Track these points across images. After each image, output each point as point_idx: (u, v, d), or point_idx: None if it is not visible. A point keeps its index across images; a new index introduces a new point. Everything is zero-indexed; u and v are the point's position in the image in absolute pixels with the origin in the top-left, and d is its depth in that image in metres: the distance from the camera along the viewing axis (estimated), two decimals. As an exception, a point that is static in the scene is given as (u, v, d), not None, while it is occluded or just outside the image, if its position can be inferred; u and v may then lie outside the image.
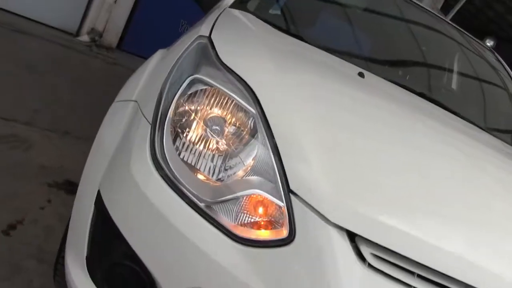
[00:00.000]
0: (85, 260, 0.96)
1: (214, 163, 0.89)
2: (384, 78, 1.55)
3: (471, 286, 0.85)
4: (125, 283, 0.90)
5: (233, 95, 0.92)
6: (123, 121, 1.05)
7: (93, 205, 0.96)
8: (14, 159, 1.94)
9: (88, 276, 0.95)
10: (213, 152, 0.90)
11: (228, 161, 0.89)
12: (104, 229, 0.93)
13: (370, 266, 0.83)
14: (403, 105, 1.35)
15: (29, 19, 4.44)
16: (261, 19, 1.52)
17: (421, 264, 0.84)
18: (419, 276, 0.84)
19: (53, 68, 3.30)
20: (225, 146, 0.90)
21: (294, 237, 0.81)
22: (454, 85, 2.08)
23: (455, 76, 2.09)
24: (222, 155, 0.90)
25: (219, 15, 1.32)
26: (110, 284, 0.92)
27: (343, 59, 1.47)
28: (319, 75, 1.18)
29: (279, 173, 0.85)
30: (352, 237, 0.83)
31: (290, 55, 1.24)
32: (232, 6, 1.56)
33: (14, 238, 1.49)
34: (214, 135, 0.91)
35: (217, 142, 0.91)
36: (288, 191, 0.84)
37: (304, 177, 0.84)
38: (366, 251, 0.83)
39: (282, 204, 0.83)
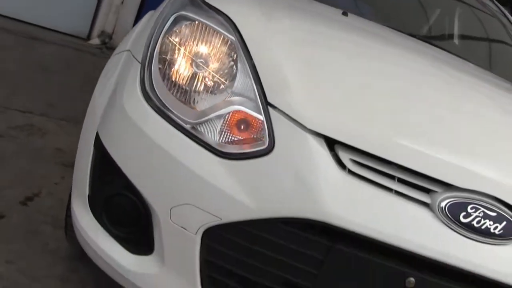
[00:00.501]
0: (87, 199, 1.03)
1: (199, 92, 0.96)
2: (373, 20, 1.58)
3: (451, 185, 0.88)
4: (122, 212, 0.97)
5: (214, 26, 0.99)
6: (118, 68, 1.13)
7: (92, 147, 1.04)
8: (31, 145, 2.07)
9: (91, 213, 1.03)
10: (199, 82, 0.97)
11: (212, 89, 0.96)
12: (102, 165, 1.01)
13: (350, 172, 0.87)
14: (388, 40, 1.38)
15: (43, 27, 4.65)
16: None
17: (401, 167, 0.88)
18: (400, 180, 0.88)
19: (66, 69, 3.46)
20: (209, 76, 0.97)
21: (273, 147, 0.87)
22: (446, 27, 2.09)
23: (447, 18, 2.09)
24: (206, 84, 0.96)
25: None
26: (109, 215, 0.99)
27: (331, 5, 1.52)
28: (300, 12, 1.23)
29: (256, 88, 0.90)
30: (331, 145, 0.88)
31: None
32: None
33: (31, 208, 1.59)
34: (199, 66, 0.97)
35: (202, 73, 0.97)
36: (266, 104, 0.89)
37: (281, 89, 0.90)
38: (345, 157, 0.87)
39: (261, 117, 0.89)
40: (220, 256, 0.89)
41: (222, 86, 0.95)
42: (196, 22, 1.00)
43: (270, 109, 0.89)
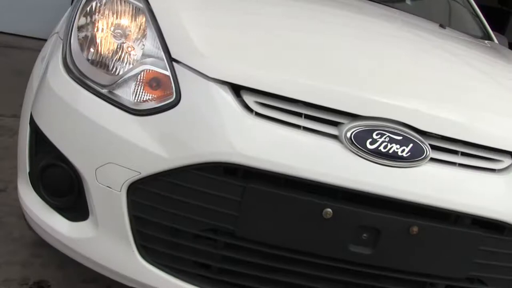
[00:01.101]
0: (28, 176, 1.09)
1: (114, 58, 1.00)
2: None
3: (356, 115, 0.92)
4: (57, 182, 1.02)
5: None
6: (47, 51, 1.19)
7: (28, 125, 1.10)
8: (1, 144, 2.14)
9: (32, 189, 1.09)
10: (113, 49, 1.01)
11: (125, 54, 1.00)
12: (36, 141, 1.06)
13: (257, 114, 0.92)
14: None
15: (18, 35, 4.73)
16: None
17: (307, 104, 0.92)
18: (307, 116, 0.92)
19: (41, 72, 3.53)
20: (121, 42, 1.01)
21: (180, 99, 0.91)
22: None
23: None
24: (119, 50, 1.01)
25: None
26: (46, 187, 1.04)
27: None
28: None
29: (162, 46, 0.95)
30: (237, 90, 0.92)
31: None
32: None
33: (-2, 202, 1.66)
34: (112, 34, 1.02)
35: (115, 40, 1.02)
36: (171, 59, 0.94)
37: (184, 44, 0.95)
38: (250, 100, 0.91)
39: (167, 73, 0.94)
40: (147, 210, 0.94)
41: (133, 50, 1.00)
42: None
43: (175, 64, 0.94)
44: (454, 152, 0.98)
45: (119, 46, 1.01)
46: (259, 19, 1.07)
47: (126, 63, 0.99)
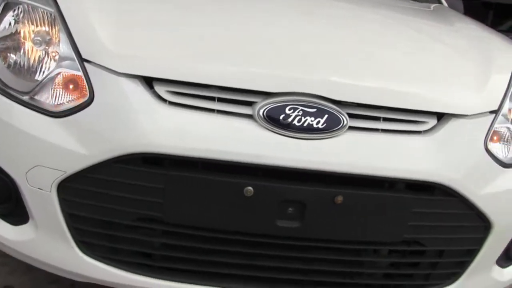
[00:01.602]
0: None
1: (32, 65, 1.04)
2: None
3: (269, 92, 0.95)
4: None
5: (35, 3, 1.06)
6: None
7: None
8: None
9: None
10: (30, 56, 1.05)
11: (42, 59, 1.03)
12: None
13: (171, 103, 0.95)
14: None
15: None
16: None
17: (219, 88, 0.95)
18: (221, 99, 0.95)
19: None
20: (38, 48, 1.05)
21: (93, 98, 0.95)
22: None
23: None
24: (37, 56, 1.04)
25: None
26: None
27: None
28: None
29: (73, 49, 0.98)
30: (150, 83, 0.96)
31: None
32: None
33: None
34: (29, 41, 1.05)
35: (32, 47, 1.05)
36: (82, 60, 0.97)
37: (93, 44, 0.98)
38: (161, 90, 0.95)
39: (80, 73, 0.97)
40: (78, 206, 0.98)
41: (50, 54, 1.03)
42: (22, 4, 1.09)
43: (87, 64, 0.97)
44: (376, 119, 1.00)
45: (35, 52, 1.04)
46: (166, 12, 1.09)
47: (43, 68, 1.02)
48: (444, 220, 1.05)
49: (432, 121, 1.03)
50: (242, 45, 1.02)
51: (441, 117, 1.04)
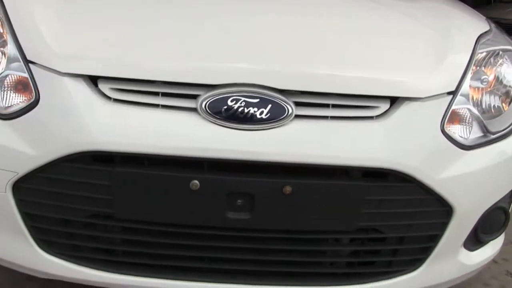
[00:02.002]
0: None
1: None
2: None
3: (212, 85, 0.95)
4: None
5: None
6: None
7: None
8: None
9: None
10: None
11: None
12: None
13: (115, 100, 0.96)
14: None
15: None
16: None
17: (163, 83, 0.96)
18: (165, 94, 0.96)
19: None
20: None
21: (38, 99, 0.97)
22: None
23: None
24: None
25: None
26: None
27: None
28: None
29: (18, 51, 1.01)
30: (95, 82, 0.97)
31: None
32: None
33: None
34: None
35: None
36: (27, 62, 0.99)
37: (36, 46, 1.00)
38: (105, 88, 0.96)
39: (25, 75, 0.99)
40: (34, 206, 1.01)
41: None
42: None
43: (32, 66, 0.99)
44: (325, 106, 1.00)
45: None
46: (107, 11, 1.09)
47: None
48: (402, 206, 1.04)
49: (385, 106, 1.02)
50: (183, 39, 1.02)
51: (394, 101, 1.03)
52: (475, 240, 1.20)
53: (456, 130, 1.08)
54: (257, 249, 1.03)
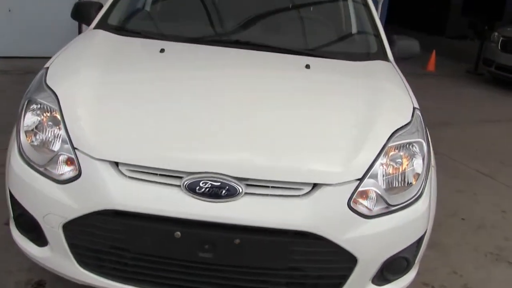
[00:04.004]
0: (14, 222, 1.86)
1: (44, 146, 1.71)
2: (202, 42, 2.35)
3: (187, 172, 1.56)
4: (28, 224, 1.76)
5: (47, 103, 1.75)
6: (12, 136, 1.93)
7: (7, 188, 1.86)
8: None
9: (17, 230, 1.86)
10: (43, 140, 1.72)
11: (50, 143, 1.70)
12: (11, 198, 1.82)
13: (129, 177, 1.59)
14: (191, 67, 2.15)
15: (38, 57, 5.69)
16: (113, 29, 2.35)
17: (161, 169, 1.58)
18: (161, 174, 1.59)
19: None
20: (49, 133, 1.72)
21: (80, 174, 1.62)
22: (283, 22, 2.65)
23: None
24: (48, 140, 1.72)
25: (68, 45, 2.16)
26: (22, 227, 1.81)
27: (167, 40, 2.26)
28: (114, 65, 2.01)
29: (68, 139, 1.65)
30: (116, 163, 1.60)
31: (103, 61, 2.07)
32: (96, 26, 2.41)
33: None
34: (43, 129, 1.73)
35: (44, 133, 1.73)
36: (74, 148, 1.64)
37: (79, 138, 1.64)
38: (123, 169, 1.59)
39: (73, 156, 1.64)
40: (76, 239, 1.66)
41: (56, 139, 1.70)
42: (38, 102, 1.77)
43: (76, 150, 1.64)
44: (266, 187, 1.59)
45: (48, 137, 1.72)
46: (124, 113, 1.75)
47: (52, 148, 1.70)
48: (319, 255, 1.63)
49: (307, 188, 1.60)
50: (172, 140, 1.64)
51: (315, 185, 1.61)
52: (382, 278, 1.77)
53: (362, 205, 1.65)
54: (217, 277, 1.65)
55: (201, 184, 1.56)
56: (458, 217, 3.19)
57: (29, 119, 1.77)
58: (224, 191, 1.56)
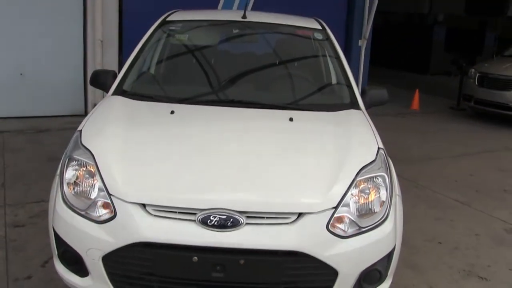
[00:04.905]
0: (57, 257, 2.32)
1: (84, 194, 2.20)
2: (204, 103, 2.89)
3: (200, 209, 2.05)
4: (72, 259, 2.23)
5: (83, 159, 2.25)
6: (54, 188, 2.42)
7: (52, 229, 2.32)
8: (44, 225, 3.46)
9: (61, 264, 2.31)
10: (83, 189, 2.22)
11: (89, 191, 2.20)
12: (56, 238, 2.29)
13: (155, 216, 2.07)
14: (196, 123, 2.68)
15: (49, 116, 6.25)
16: (128, 94, 2.90)
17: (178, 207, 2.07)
18: (180, 212, 2.07)
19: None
20: (86, 184, 2.22)
21: (115, 215, 2.09)
22: (272, 82, 3.23)
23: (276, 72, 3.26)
24: (86, 189, 2.21)
25: (94, 109, 2.70)
26: (67, 262, 2.26)
27: (182, 103, 2.81)
28: (136, 125, 2.53)
29: (104, 187, 2.15)
30: (144, 205, 2.09)
31: (125, 122, 2.62)
32: (113, 92, 2.95)
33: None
34: (81, 181, 2.22)
35: (83, 184, 2.22)
36: (109, 194, 2.13)
37: (113, 186, 2.13)
38: (149, 209, 2.08)
39: (109, 201, 2.12)
40: (113, 269, 2.11)
41: (93, 188, 2.19)
42: (76, 159, 2.28)
43: (112, 196, 2.13)
44: (262, 217, 2.07)
45: (86, 187, 2.21)
46: (158, 158, 2.29)
47: (91, 196, 2.19)
48: (307, 269, 2.09)
49: (294, 217, 2.08)
50: (187, 186, 2.14)
51: (300, 214, 2.09)
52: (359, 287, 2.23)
53: (339, 227, 2.13)
54: (228, 293, 2.10)
55: (211, 218, 2.04)
56: (435, 242, 3.65)
57: (70, 173, 2.27)
58: (229, 223, 2.03)
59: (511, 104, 7.86)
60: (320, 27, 3.67)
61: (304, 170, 2.30)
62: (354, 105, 3.03)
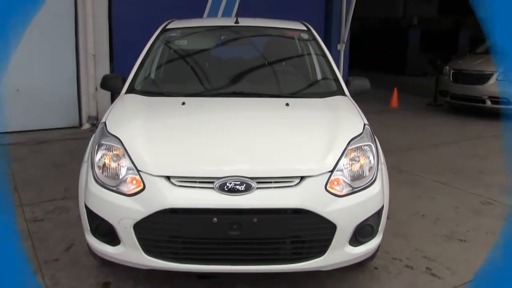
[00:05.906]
0: (90, 231, 2.68)
1: (115, 171, 2.59)
2: (210, 95, 3.32)
3: (217, 177, 2.45)
4: (105, 230, 2.59)
5: (112, 144, 2.64)
6: (84, 173, 2.79)
7: (84, 207, 2.69)
8: (62, 219, 3.80)
9: (92, 236, 2.68)
10: (113, 168, 2.60)
11: (117, 169, 2.58)
12: (88, 213, 2.65)
13: (179, 186, 2.46)
14: (205, 109, 3.10)
15: (46, 129, 6.57)
16: (140, 92, 3.31)
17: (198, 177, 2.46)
18: (200, 181, 2.46)
19: (71, 159, 5.19)
20: (116, 164, 2.60)
21: (144, 187, 2.48)
22: (264, 74, 3.69)
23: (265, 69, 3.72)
24: (116, 168, 2.59)
25: (113, 105, 3.10)
26: (100, 233, 2.63)
27: (185, 95, 3.23)
28: (154, 114, 2.94)
29: (133, 164, 2.53)
30: (168, 178, 2.48)
31: (143, 113, 3.03)
32: (126, 91, 3.35)
33: (75, 248, 3.28)
34: (112, 161, 2.61)
35: (113, 164, 2.60)
36: (138, 170, 2.52)
37: (140, 162, 2.53)
38: (174, 180, 2.47)
39: (138, 177, 2.51)
40: (144, 234, 2.49)
41: (122, 167, 2.57)
42: (105, 144, 2.66)
43: (141, 172, 2.51)
44: (270, 182, 2.48)
45: (115, 166, 2.59)
46: (171, 140, 2.68)
47: (120, 174, 2.57)
48: (309, 224, 2.50)
49: (297, 180, 2.50)
50: (203, 157, 2.54)
51: (302, 177, 2.50)
52: (355, 241, 2.64)
53: (335, 188, 2.55)
54: (243, 248, 2.49)
55: (227, 184, 2.43)
56: (419, 215, 4.10)
57: (99, 156, 2.65)
58: (243, 187, 2.44)
59: (484, 97, 8.46)
60: (306, 29, 4.15)
61: (303, 142, 2.73)
62: (341, 92, 3.49)
